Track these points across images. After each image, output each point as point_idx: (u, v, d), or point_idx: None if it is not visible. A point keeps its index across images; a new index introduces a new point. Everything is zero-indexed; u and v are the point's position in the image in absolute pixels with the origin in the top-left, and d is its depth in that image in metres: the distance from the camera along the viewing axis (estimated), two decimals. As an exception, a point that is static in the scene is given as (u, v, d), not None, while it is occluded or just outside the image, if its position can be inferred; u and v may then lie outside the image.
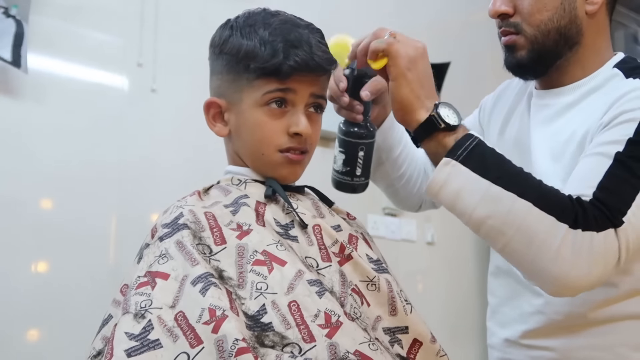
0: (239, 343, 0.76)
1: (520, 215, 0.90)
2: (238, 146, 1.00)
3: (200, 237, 0.89)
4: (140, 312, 0.81)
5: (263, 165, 0.98)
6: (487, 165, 0.93)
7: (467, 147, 0.94)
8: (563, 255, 0.89)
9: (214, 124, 1.01)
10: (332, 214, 1.01)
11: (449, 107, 0.97)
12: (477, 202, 0.92)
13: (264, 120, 0.96)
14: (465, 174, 0.92)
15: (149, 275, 0.85)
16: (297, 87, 0.95)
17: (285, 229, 0.93)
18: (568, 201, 0.93)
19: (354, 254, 0.94)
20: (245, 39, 0.95)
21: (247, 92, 0.96)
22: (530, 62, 1.13)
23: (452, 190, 0.94)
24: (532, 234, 0.90)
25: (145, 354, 0.78)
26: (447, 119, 0.95)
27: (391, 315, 0.91)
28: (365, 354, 0.80)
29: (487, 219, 0.92)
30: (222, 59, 0.98)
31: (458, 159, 0.93)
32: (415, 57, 0.97)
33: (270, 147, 0.96)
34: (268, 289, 0.84)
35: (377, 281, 0.92)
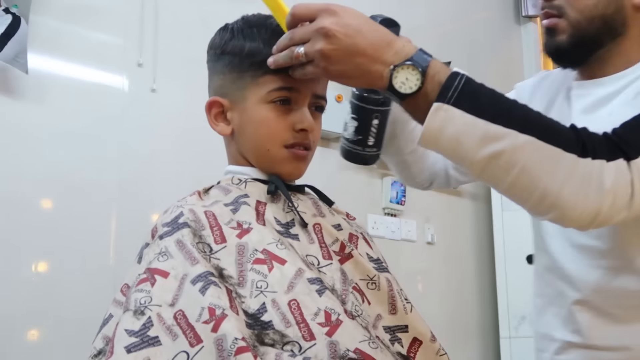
0: (239, 342, 0.76)
1: (525, 150, 0.85)
2: (242, 144, 1.01)
3: (200, 236, 0.89)
4: (140, 308, 0.81)
5: (268, 161, 0.99)
6: (481, 104, 0.86)
7: (457, 87, 0.86)
8: (572, 185, 0.85)
9: (216, 124, 1.02)
10: (332, 213, 1.01)
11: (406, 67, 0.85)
12: (478, 144, 0.85)
13: (269, 117, 0.96)
14: (460, 116, 0.85)
15: (148, 272, 0.85)
16: (301, 86, 0.96)
17: (286, 228, 0.93)
18: (572, 132, 0.88)
19: (355, 252, 0.94)
20: (248, 39, 0.97)
21: (252, 90, 0.97)
22: (569, 47, 1.09)
23: (450, 136, 0.86)
24: (539, 167, 0.85)
25: (144, 350, 0.78)
26: (402, 90, 0.86)
27: (391, 313, 0.91)
28: (365, 352, 0.81)
29: (491, 159, 0.85)
30: (224, 59, 0.99)
31: (449, 102, 0.85)
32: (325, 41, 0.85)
33: (276, 143, 0.97)
34: (268, 288, 0.84)
35: (377, 280, 0.93)
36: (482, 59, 3.12)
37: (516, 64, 3.37)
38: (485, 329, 2.90)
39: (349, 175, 2.53)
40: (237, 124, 1.00)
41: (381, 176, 2.63)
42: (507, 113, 0.86)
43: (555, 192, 0.86)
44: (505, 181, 0.87)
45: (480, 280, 2.94)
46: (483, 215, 2.99)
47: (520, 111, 0.88)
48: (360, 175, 2.57)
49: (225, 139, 1.05)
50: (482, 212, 2.99)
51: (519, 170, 0.85)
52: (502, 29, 3.34)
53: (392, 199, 2.60)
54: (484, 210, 2.99)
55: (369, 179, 2.60)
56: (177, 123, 2.04)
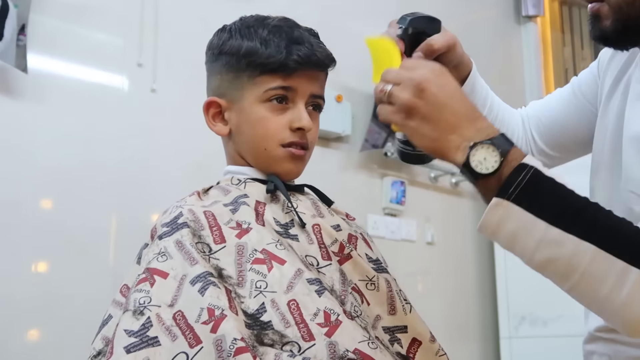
0: (238, 342, 0.76)
1: (584, 260, 0.79)
2: (239, 144, 1.01)
3: (199, 236, 0.89)
4: (139, 308, 0.81)
5: (266, 160, 0.99)
6: (543, 203, 0.80)
7: (520, 182, 0.80)
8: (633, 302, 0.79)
9: (214, 124, 1.02)
10: (331, 214, 1.01)
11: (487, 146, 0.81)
12: (535, 246, 0.80)
13: (266, 116, 0.97)
14: (518, 214, 0.80)
15: (148, 272, 0.85)
16: (298, 85, 0.97)
17: (285, 228, 0.93)
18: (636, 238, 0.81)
19: (354, 253, 0.94)
20: (245, 39, 0.97)
21: (249, 89, 0.97)
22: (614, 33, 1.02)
23: (507, 233, 0.82)
24: (599, 280, 0.79)
25: (144, 350, 0.78)
26: (479, 168, 0.81)
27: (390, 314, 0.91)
28: (364, 352, 0.81)
29: (549, 263, 0.81)
30: (221, 59, 0.99)
31: (510, 198, 0.81)
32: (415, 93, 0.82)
33: (274, 142, 0.97)
34: (267, 288, 0.84)
35: (376, 280, 0.93)
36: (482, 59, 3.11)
37: (516, 64, 3.37)
38: (485, 329, 2.90)
39: (349, 175, 2.53)
40: (234, 123, 1.00)
41: (381, 176, 2.63)
42: (570, 217, 0.80)
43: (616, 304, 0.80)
44: (565, 285, 0.83)
45: (480, 280, 2.94)
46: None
47: (586, 215, 0.81)
48: (360, 175, 2.57)
49: (223, 140, 1.05)
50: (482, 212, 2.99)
51: (577, 277, 0.80)
52: (502, 29, 3.34)
53: (392, 199, 2.60)
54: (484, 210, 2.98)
55: (369, 179, 2.60)
56: (177, 123, 2.04)
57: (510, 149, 0.81)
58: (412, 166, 2.71)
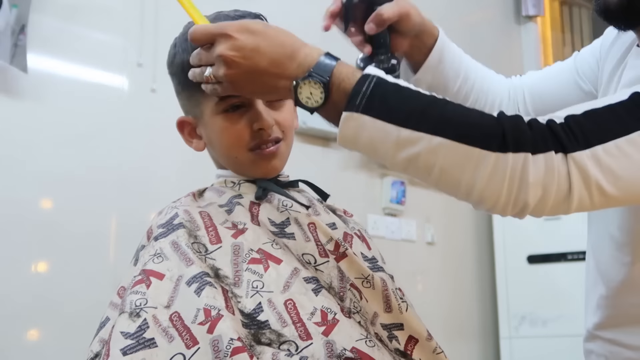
0: (234, 342, 0.76)
1: (439, 155, 0.80)
2: (215, 155, 1.02)
3: (195, 236, 0.89)
4: (135, 310, 0.81)
5: (241, 167, 0.99)
6: (390, 107, 0.81)
7: (365, 92, 0.81)
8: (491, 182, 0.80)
9: (191, 141, 1.03)
10: (327, 212, 1.01)
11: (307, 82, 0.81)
12: (393, 150, 0.81)
13: (225, 126, 0.96)
14: (370, 123, 0.80)
15: (144, 273, 0.85)
16: None
17: (281, 227, 0.93)
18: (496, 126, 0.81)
19: (349, 251, 0.94)
20: (185, 54, 0.94)
21: (205, 104, 0.97)
22: (618, 7, 1.00)
23: (365, 143, 0.82)
24: (455, 169, 0.81)
25: (140, 352, 0.78)
26: (310, 104, 0.82)
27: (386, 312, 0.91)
28: (362, 351, 0.81)
29: (409, 163, 0.81)
30: (174, 79, 1.01)
31: (358, 110, 0.80)
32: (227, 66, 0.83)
33: (240, 149, 0.96)
34: (264, 287, 0.84)
35: (371, 279, 0.93)
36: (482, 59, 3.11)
37: (516, 64, 3.37)
38: (485, 329, 2.90)
39: (349, 175, 2.53)
40: (205, 138, 1.01)
41: (381, 176, 2.63)
42: (418, 115, 0.81)
43: (477, 190, 0.82)
44: (428, 180, 0.84)
45: (480, 280, 2.94)
46: (483, 215, 2.99)
47: (434, 111, 0.82)
48: (360, 175, 2.57)
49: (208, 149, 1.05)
50: (482, 212, 2.99)
51: (438, 171, 0.82)
52: (502, 29, 3.34)
53: (392, 199, 2.60)
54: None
55: (369, 179, 2.60)
56: (177, 123, 2.04)
57: (332, 72, 0.81)
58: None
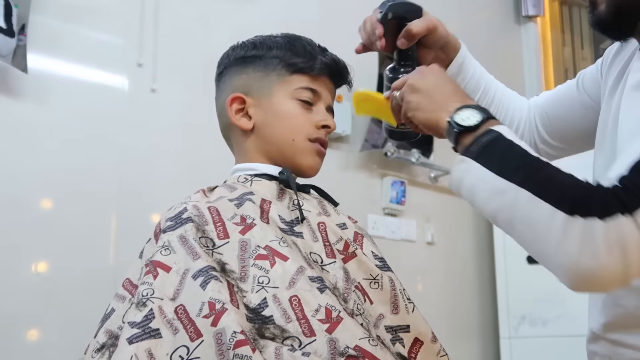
0: (237, 335, 0.77)
1: (521, 206, 0.84)
2: (263, 137, 1.05)
3: (203, 230, 0.91)
4: (142, 300, 0.83)
5: (291, 152, 1.04)
6: (495, 159, 0.87)
7: (484, 142, 0.88)
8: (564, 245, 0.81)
9: (238, 118, 1.07)
10: (337, 213, 1.03)
11: (471, 109, 0.92)
12: (488, 196, 0.88)
13: (296, 111, 1.05)
14: (476, 169, 0.88)
15: (151, 264, 0.87)
16: (321, 91, 1.07)
17: (290, 225, 0.94)
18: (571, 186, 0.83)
19: (358, 251, 0.95)
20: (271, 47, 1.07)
21: (279, 87, 1.05)
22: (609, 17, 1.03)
23: (468, 187, 0.91)
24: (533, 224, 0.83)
25: (146, 342, 0.80)
26: (463, 122, 0.90)
27: (393, 313, 0.92)
28: (365, 349, 0.81)
29: (498, 212, 0.87)
30: (247, 62, 1.07)
31: (471, 155, 0.89)
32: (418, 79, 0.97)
33: (302, 135, 1.04)
34: (270, 283, 0.85)
35: (380, 279, 0.93)
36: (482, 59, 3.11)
37: (516, 64, 3.37)
38: (485, 329, 2.90)
39: (349, 175, 2.53)
40: (260, 118, 1.05)
41: (381, 176, 2.63)
42: (514, 167, 0.86)
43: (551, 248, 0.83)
44: (513, 235, 0.87)
45: (480, 280, 2.94)
46: (483, 215, 2.98)
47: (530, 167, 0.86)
48: (360, 175, 2.57)
49: (238, 137, 1.07)
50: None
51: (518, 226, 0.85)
52: (502, 29, 3.34)
53: (392, 199, 2.60)
54: (484, 210, 2.98)
55: (369, 179, 2.60)
56: (177, 123, 2.04)
57: (490, 116, 0.91)
58: (412, 166, 2.71)
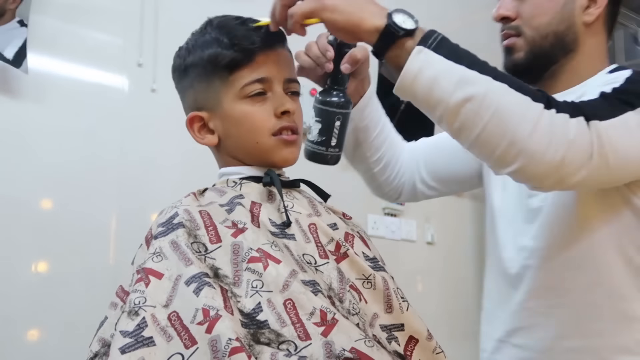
0: (233, 342, 0.76)
1: (497, 95, 0.90)
2: (231, 147, 1.02)
3: (195, 235, 0.90)
4: (134, 309, 0.82)
5: (260, 154, 1.00)
6: (459, 53, 0.93)
7: (436, 37, 0.93)
8: (539, 131, 0.89)
9: (202, 137, 1.03)
10: (328, 213, 1.01)
11: (402, 13, 0.93)
12: (454, 86, 0.90)
13: (249, 110, 0.99)
14: (439, 60, 0.91)
15: (143, 271, 0.86)
16: (270, 74, 0.99)
17: (282, 228, 0.93)
18: (538, 90, 0.94)
19: (350, 251, 0.94)
20: (204, 48, 1.01)
21: (224, 91, 0.99)
22: (526, 63, 1.16)
23: (428, 77, 0.91)
24: (511, 111, 0.90)
25: (139, 351, 0.78)
26: (403, 25, 0.92)
27: (387, 312, 0.91)
28: (361, 351, 0.81)
29: (465, 102, 0.90)
30: (189, 74, 1.03)
31: (430, 47, 0.91)
32: None
33: (263, 133, 0.99)
34: (263, 287, 0.84)
35: (372, 279, 0.93)
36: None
37: (516, 64, 3.37)
38: (485, 329, 2.90)
39: (349, 175, 2.52)
40: (220, 130, 1.02)
41: (381, 176, 2.63)
42: (482, 64, 0.93)
43: (524, 138, 0.89)
44: (477, 125, 0.90)
45: (480, 280, 2.94)
46: (483, 216, 2.98)
47: (491, 66, 0.94)
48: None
49: (213, 150, 1.07)
50: (482, 212, 2.99)
51: (491, 113, 0.89)
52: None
53: (392, 199, 2.60)
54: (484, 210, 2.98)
55: (369, 179, 2.60)
56: (177, 123, 2.02)
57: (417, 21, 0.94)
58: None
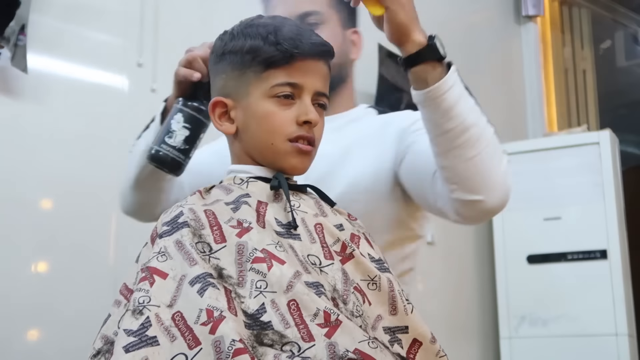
0: (236, 344, 0.76)
1: (489, 132, 1.07)
2: (246, 141, 1.02)
3: (200, 235, 0.89)
4: (139, 308, 0.82)
5: (272, 156, 1.00)
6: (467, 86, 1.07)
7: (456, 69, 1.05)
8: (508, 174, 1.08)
9: (221, 123, 1.03)
10: (334, 213, 1.01)
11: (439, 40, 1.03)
12: (469, 109, 1.05)
13: (273, 110, 0.98)
14: (462, 85, 1.05)
15: (147, 270, 0.85)
16: (303, 81, 0.99)
17: (287, 228, 0.93)
18: None
19: (356, 252, 0.94)
20: (248, 38, 0.99)
21: (255, 85, 0.99)
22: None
23: (457, 93, 1.03)
24: (497, 151, 1.07)
25: (143, 350, 0.78)
26: (441, 50, 1.02)
27: (391, 314, 0.91)
28: (365, 352, 0.81)
29: (473, 126, 1.04)
30: (225, 59, 1.01)
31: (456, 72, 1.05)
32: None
33: (281, 136, 0.98)
34: (267, 288, 0.84)
35: (378, 280, 0.92)
36: (482, 59, 3.12)
37: (516, 64, 3.37)
38: (485, 329, 2.90)
39: (349, 175, 2.53)
40: (241, 121, 1.01)
41: (381, 176, 2.63)
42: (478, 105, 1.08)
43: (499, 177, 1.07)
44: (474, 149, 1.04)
45: (480, 280, 2.94)
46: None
47: None
48: (360, 175, 2.57)
49: (228, 140, 1.05)
50: (482, 212, 2.99)
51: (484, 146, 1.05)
52: (502, 29, 3.34)
53: (392, 199, 2.60)
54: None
55: (369, 179, 2.60)
56: (177, 123, 2.04)
57: None
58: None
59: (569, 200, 2.75)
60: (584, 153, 2.76)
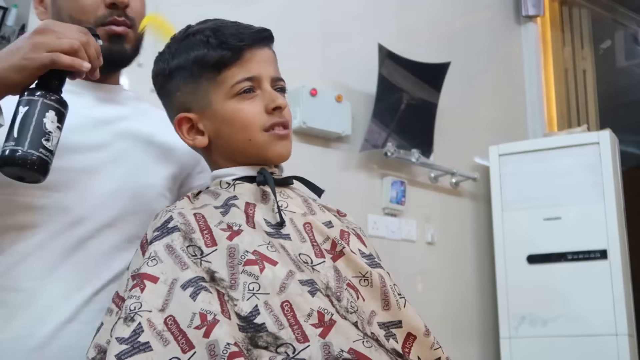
0: (231, 347, 0.76)
1: None
2: (223, 147, 1.02)
3: (190, 239, 0.89)
4: (130, 315, 0.82)
5: (253, 151, 1.00)
6: None
7: None
8: None
9: (192, 138, 1.02)
10: (323, 211, 1.01)
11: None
12: None
13: (239, 108, 0.99)
14: None
15: (138, 277, 0.85)
16: (258, 72, 1.00)
17: (277, 228, 0.93)
18: None
19: (346, 249, 0.94)
20: (189, 50, 1.01)
21: (214, 91, 0.99)
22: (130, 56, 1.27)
23: None
24: None
25: (135, 357, 0.78)
26: None
27: (384, 309, 0.91)
28: (359, 352, 0.81)
29: None
30: (174, 77, 1.02)
31: None
32: None
33: (255, 130, 0.99)
34: (260, 290, 0.84)
35: (369, 276, 0.93)
36: (482, 59, 3.12)
37: (516, 64, 3.37)
38: (485, 329, 2.90)
39: (349, 175, 2.53)
40: (211, 130, 1.01)
41: (381, 176, 2.63)
42: None
43: None
44: None
45: (480, 280, 2.94)
46: (483, 215, 2.99)
47: None
48: (360, 175, 2.57)
49: (202, 152, 1.06)
50: (482, 212, 2.99)
51: None
52: (502, 29, 3.34)
53: (392, 199, 2.60)
54: (484, 210, 2.99)
55: (369, 179, 2.60)
56: (177, 123, 2.04)
57: None
58: (412, 166, 2.71)
59: (569, 200, 2.75)
60: (584, 153, 2.76)
